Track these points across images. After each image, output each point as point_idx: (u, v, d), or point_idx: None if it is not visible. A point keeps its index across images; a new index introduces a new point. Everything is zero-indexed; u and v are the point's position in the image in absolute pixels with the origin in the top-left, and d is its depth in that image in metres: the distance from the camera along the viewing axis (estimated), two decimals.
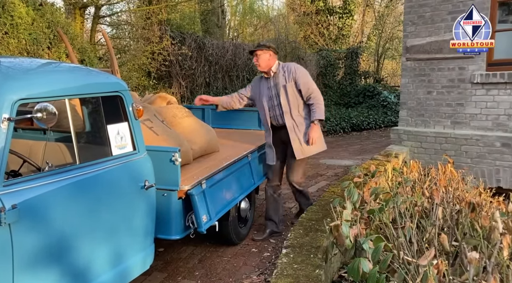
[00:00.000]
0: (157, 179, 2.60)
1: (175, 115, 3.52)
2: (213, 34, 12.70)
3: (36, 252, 1.87)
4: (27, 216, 1.82)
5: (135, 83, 8.50)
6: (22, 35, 5.27)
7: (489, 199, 3.62)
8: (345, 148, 9.00)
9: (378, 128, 12.38)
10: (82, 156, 2.16)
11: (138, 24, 9.03)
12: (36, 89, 1.99)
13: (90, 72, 2.62)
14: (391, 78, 19.65)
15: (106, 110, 2.37)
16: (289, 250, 3.04)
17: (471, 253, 1.88)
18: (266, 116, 3.80)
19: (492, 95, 5.52)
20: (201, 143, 3.51)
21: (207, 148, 3.59)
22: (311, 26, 15.92)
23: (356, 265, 2.14)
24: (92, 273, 2.15)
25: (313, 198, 5.00)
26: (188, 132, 3.44)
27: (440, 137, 5.93)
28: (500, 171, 5.42)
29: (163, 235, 2.75)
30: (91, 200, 2.15)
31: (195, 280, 3.17)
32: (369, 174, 3.68)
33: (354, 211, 2.72)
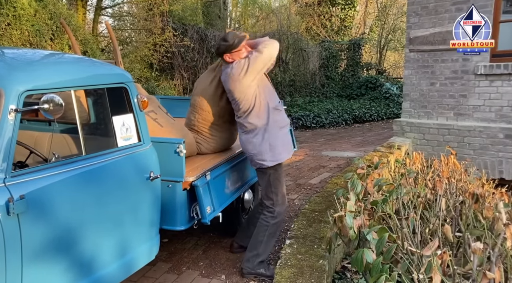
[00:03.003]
0: (162, 170, 2.62)
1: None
2: (215, 26, 12.66)
3: (44, 242, 1.89)
4: (35, 207, 1.83)
5: (137, 75, 8.50)
6: (25, 27, 5.27)
7: (492, 190, 3.63)
8: (348, 140, 9.00)
9: (380, 120, 12.36)
10: (88, 147, 2.17)
11: (140, 15, 9.01)
12: (42, 80, 1.99)
13: (94, 63, 2.62)
14: (393, 70, 19.57)
15: (111, 102, 2.38)
16: (293, 241, 3.06)
17: (475, 243, 1.90)
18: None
19: (496, 86, 5.51)
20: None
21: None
22: (313, 18, 15.84)
23: (360, 255, 2.16)
24: (99, 264, 2.18)
25: (316, 190, 5.03)
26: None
27: (443, 129, 5.93)
28: (503, 162, 5.42)
29: (168, 225, 2.77)
30: (97, 191, 2.17)
31: (199, 270, 3.20)
32: (372, 165, 3.69)
33: (357, 202, 2.74)
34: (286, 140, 3.11)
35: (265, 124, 2.94)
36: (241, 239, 3.41)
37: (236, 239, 3.48)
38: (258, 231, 3.07)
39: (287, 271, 2.61)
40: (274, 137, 2.97)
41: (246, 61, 2.87)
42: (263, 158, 2.96)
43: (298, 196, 4.90)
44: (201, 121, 3.24)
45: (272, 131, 2.97)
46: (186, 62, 9.89)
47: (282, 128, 3.06)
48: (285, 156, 3.06)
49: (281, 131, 3.03)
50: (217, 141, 3.30)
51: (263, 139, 2.94)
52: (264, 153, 2.95)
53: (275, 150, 2.96)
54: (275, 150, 2.96)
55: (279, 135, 3.01)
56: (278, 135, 3.00)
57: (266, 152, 2.94)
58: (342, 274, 3.14)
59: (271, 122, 2.95)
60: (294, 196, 4.89)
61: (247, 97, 2.89)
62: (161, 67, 9.65)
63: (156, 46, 8.91)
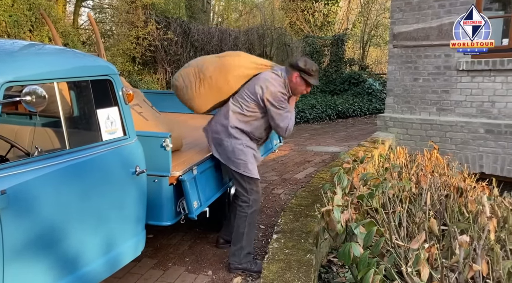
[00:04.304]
0: (148, 164, 2.57)
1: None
2: (198, 19, 12.53)
3: (26, 239, 1.83)
4: (16, 202, 1.77)
5: (119, 68, 8.35)
6: (2, 17, 5.11)
7: (473, 184, 3.69)
8: (332, 135, 9.05)
9: (363, 115, 12.47)
10: (72, 141, 2.11)
11: (122, 8, 8.83)
12: (24, 71, 1.92)
13: (77, 55, 2.55)
14: (376, 66, 19.75)
15: (95, 95, 2.31)
16: (280, 235, 3.06)
17: (461, 237, 1.92)
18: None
19: (477, 82, 5.61)
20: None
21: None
22: (296, 13, 15.83)
23: (347, 249, 2.17)
24: (83, 260, 2.12)
25: (301, 184, 5.04)
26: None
27: (425, 124, 6.02)
28: (483, 156, 5.54)
29: (154, 221, 2.73)
30: (81, 186, 2.11)
31: (185, 266, 3.17)
32: (358, 160, 3.72)
33: (344, 196, 2.75)
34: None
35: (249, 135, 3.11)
36: (226, 234, 3.40)
37: (221, 234, 3.46)
38: (238, 223, 3.08)
39: (274, 266, 2.60)
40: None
41: (282, 99, 3.01)
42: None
43: (284, 190, 4.90)
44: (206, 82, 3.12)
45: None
46: (169, 56, 9.77)
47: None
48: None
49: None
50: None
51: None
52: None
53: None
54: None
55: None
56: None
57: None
58: (328, 268, 3.15)
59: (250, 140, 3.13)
60: (280, 191, 4.89)
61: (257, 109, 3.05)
62: (144, 61, 9.50)
63: (138, 39, 8.77)
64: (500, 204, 2.74)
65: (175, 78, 3.21)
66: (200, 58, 3.37)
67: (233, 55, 3.28)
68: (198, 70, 3.11)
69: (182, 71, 3.20)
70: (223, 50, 10.86)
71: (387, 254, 2.21)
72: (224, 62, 3.14)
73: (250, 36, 12.15)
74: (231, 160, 3.05)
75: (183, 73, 3.17)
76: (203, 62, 3.20)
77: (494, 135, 5.42)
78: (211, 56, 3.33)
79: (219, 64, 3.13)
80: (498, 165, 5.41)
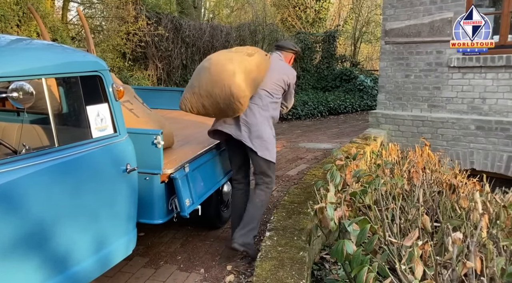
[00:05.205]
0: (139, 162, 2.53)
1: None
2: (189, 15, 12.43)
3: (14, 238, 1.79)
4: (4, 201, 1.73)
5: (109, 64, 8.25)
6: None
7: (465, 181, 3.71)
8: (323, 132, 9.06)
9: (354, 112, 12.51)
10: (61, 138, 2.06)
11: (112, 3, 8.70)
12: (10, 67, 1.87)
13: (66, 50, 2.49)
14: (367, 62, 19.81)
15: (85, 91, 2.27)
16: (273, 233, 3.04)
17: (455, 234, 1.91)
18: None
19: (468, 79, 5.64)
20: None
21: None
22: (288, 9, 15.79)
23: (340, 246, 2.15)
24: (73, 259, 2.09)
25: (294, 181, 5.03)
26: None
27: (417, 121, 6.04)
28: (474, 153, 5.57)
29: (146, 219, 2.69)
30: (71, 184, 2.07)
31: (177, 264, 3.14)
32: (350, 156, 3.71)
33: (337, 193, 2.74)
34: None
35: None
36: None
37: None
38: (258, 205, 3.18)
39: (267, 264, 2.58)
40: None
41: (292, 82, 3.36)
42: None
43: (277, 187, 4.89)
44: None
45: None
46: (160, 52, 9.67)
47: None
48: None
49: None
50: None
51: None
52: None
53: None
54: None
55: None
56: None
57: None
58: (321, 265, 3.14)
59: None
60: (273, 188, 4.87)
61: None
62: (135, 57, 9.39)
63: (129, 35, 8.66)
64: (492, 200, 2.75)
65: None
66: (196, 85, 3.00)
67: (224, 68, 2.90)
68: (205, 95, 2.92)
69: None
70: (214, 46, 10.78)
71: (380, 251, 2.20)
72: (217, 80, 2.89)
73: (242, 32, 12.07)
74: (268, 150, 3.14)
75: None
76: (199, 86, 2.94)
77: (485, 131, 5.45)
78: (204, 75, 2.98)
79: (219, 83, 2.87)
80: (489, 161, 5.45)
